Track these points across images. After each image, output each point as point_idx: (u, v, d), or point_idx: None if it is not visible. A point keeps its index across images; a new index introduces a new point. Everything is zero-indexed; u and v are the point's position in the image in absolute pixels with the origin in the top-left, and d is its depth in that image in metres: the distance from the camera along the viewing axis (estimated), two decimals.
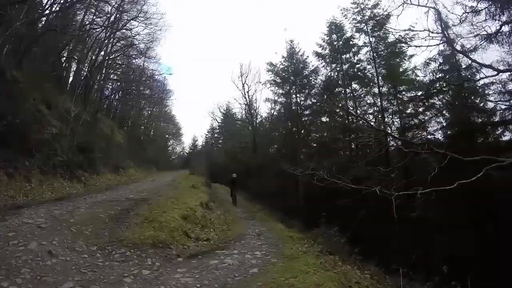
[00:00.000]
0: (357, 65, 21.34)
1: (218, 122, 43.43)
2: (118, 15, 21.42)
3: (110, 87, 28.04)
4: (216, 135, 48.73)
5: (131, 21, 21.87)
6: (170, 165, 40.17)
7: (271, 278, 3.98)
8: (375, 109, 20.31)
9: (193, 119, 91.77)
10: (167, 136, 47.27)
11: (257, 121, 31.98)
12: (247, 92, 30.68)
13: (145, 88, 31.41)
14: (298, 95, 26.37)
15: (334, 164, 11.89)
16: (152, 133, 40.97)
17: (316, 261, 4.97)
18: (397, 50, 18.99)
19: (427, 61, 16.61)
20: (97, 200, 8.67)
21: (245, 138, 32.86)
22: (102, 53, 22.91)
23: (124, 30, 22.13)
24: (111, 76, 26.55)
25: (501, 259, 10.65)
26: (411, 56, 18.46)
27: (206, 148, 50.70)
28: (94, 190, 11.10)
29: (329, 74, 23.03)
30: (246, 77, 30.67)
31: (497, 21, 10.93)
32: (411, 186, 9.18)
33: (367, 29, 20.67)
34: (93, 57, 22.31)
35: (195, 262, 4.68)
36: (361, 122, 17.03)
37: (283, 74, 27.34)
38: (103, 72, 23.81)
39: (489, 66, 10.57)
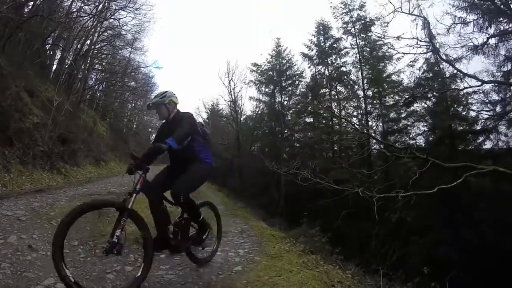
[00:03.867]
0: (343, 68, 21.62)
1: (203, 118, 43.16)
2: (106, 4, 20.98)
3: (94, 77, 27.55)
4: None
5: (120, 10, 21.46)
6: None
7: (255, 276, 4.00)
8: (359, 112, 20.66)
9: None
10: (150, 129, 46.64)
11: (242, 119, 31.96)
12: (233, 89, 30.63)
13: (130, 80, 30.94)
14: (282, 95, 26.61)
15: (317, 164, 11.99)
16: (135, 126, 40.34)
17: (299, 260, 5.02)
18: (382, 55, 19.40)
19: (412, 64, 16.99)
20: (78, 193, 8.50)
21: (228, 136, 32.80)
22: (88, 42, 22.48)
23: (112, 20, 21.72)
24: (96, 66, 26.05)
25: (479, 262, 11.05)
26: (398, 59, 18.87)
27: None
28: (75, 183, 10.88)
29: (315, 75, 23.26)
30: (233, 74, 30.57)
31: (484, 33, 11.31)
32: (392, 188, 9.44)
33: (354, 31, 20.96)
34: (79, 46, 21.88)
35: (178, 259, 4.64)
36: (345, 124, 17.29)
37: (269, 73, 27.50)
38: (88, 61, 23.34)
39: (474, 77, 10.93)
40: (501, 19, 11.21)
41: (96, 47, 23.25)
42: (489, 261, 10.93)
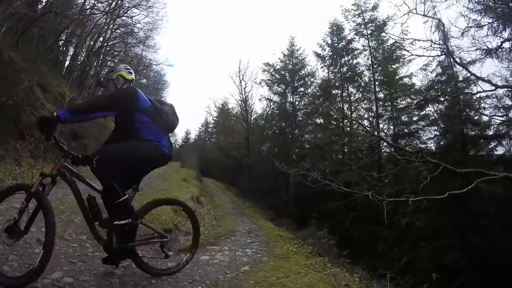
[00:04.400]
0: (355, 69, 21.42)
1: (213, 117, 43.24)
2: (119, 1, 21.12)
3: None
4: (209, 129, 48.49)
5: (133, 8, 21.60)
6: None
7: (263, 276, 3.96)
8: (371, 114, 20.45)
9: (187, 112, 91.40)
10: None
11: (252, 118, 31.96)
12: (244, 88, 30.69)
13: (142, 77, 31.11)
14: (293, 95, 26.50)
15: (327, 166, 11.92)
16: None
17: (307, 262, 4.96)
18: (395, 57, 19.19)
19: (425, 67, 16.78)
20: (88, 188, 8.55)
21: (238, 135, 32.82)
22: (101, 39, 22.65)
23: (124, 17, 21.85)
24: (108, 63, 26.20)
25: (489, 268, 10.86)
26: (410, 60, 18.67)
27: (198, 141, 50.48)
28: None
29: (327, 75, 23.12)
30: (244, 73, 30.68)
31: (498, 37, 11.09)
32: (403, 193, 9.32)
33: (366, 32, 20.78)
34: (91, 43, 22.06)
35: (186, 256, 4.63)
36: (356, 126, 17.14)
37: (281, 72, 27.44)
38: (100, 58, 23.52)
39: (488, 81, 10.73)
40: None
41: (109, 44, 23.44)
42: (499, 267, 10.74)
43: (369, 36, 20.46)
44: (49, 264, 3.62)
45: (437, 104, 17.45)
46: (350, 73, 21.26)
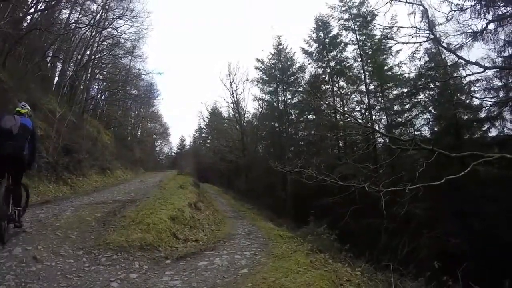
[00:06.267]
0: (344, 63, 21.41)
1: (206, 122, 43.12)
2: (104, 14, 21.09)
3: (96, 87, 27.61)
4: (204, 134, 48.37)
5: (117, 19, 21.55)
6: (158, 165, 39.82)
7: (261, 278, 3.95)
8: (363, 106, 20.43)
9: (181, 119, 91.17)
10: (154, 136, 46.72)
11: (245, 120, 31.89)
12: (235, 90, 30.56)
13: (132, 87, 31.06)
14: (285, 93, 26.52)
15: (322, 161, 11.88)
16: (139, 133, 40.47)
17: (306, 260, 4.96)
18: (383, 47, 19.23)
19: (412, 55, 16.83)
20: (84, 202, 8.51)
21: (233, 137, 32.74)
22: (88, 52, 22.51)
23: (110, 29, 21.79)
24: (97, 76, 26.19)
25: (491, 251, 10.89)
26: (398, 51, 18.70)
27: (194, 148, 50.42)
28: (81, 193, 10.90)
29: (316, 71, 23.10)
30: (234, 75, 30.53)
31: (482, 19, 11.12)
32: (399, 182, 9.31)
33: (354, 27, 20.77)
34: (79, 57, 21.93)
35: (184, 264, 4.61)
36: (348, 119, 17.12)
37: (271, 71, 27.42)
38: (89, 72, 23.44)
39: (476, 63, 10.72)
40: (498, 3, 11.04)
41: (96, 57, 23.36)
42: (501, 250, 10.75)
43: (356, 30, 20.49)
44: (46, 281, 3.62)
45: (428, 91, 17.51)
46: (339, 67, 21.26)
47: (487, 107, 14.52)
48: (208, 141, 45.72)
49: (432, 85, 16.99)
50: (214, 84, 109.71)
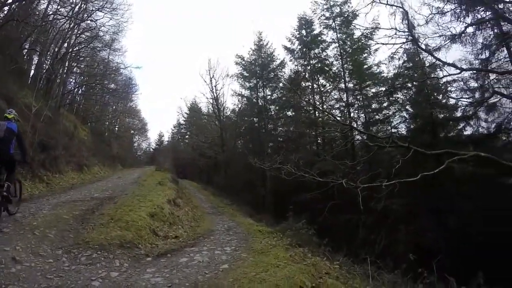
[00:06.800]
0: (325, 61, 21.67)
1: (185, 117, 42.72)
2: (83, 5, 20.44)
3: (73, 81, 26.83)
4: (182, 130, 47.90)
5: (97, 11, 20.94)
6: (136, 161, 38.98)
7: (242, 273, 4.03)
8: (342, 104, 20.79)
9: (159, 114, 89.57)
10: (132, 132, 45.77)
11: (224, 116, 31.78)
12: (215, 86, 30.45)
13: (110, 82, 30.30)
14: (264, 89, 26.63)
15: (301, 158, 12.03)
16: (117, 129, 39.55)
17: (286, 254, 5.07)
18: (361, 47, 19.57)
19: (392, 55, 17.19)
20: (61, 200, 8.34)
21: (212, 133, 32.61)
22: (66, 45, 21.77)
23: (89, 21, 21.17)
24: (74, 69, 25.41)
25: (465, 246, 11.30)
26: (376, 50, 19.02)
27: (172, 143, 49.94)
28: (58, 190, 10.63)
29: (297, 68, 23.30)
30: (214, 71, 30.43)
31: (461, 23, 11.47)
32: (376, 178, 9.56)
33: (335, 26, 21.03)
34: (56, 49, 21.21)
35: (165, 261, 4.64)
36: (327, 116, 17.36)
37: (251, 67, 27.44)
38: (66, 65, 22.68)
39: (453, 65, 11.11)
40: (478, 7, 11.40)
41: (74, 50, 22.60)
42: (475, 246, 11.14)
43: (337, 29, 20.77)
44: (26, 282, 3.57)
45: (405, 90, 17.94)
46: (320, 64, 21.50)
47: (463, 107, 14.98)
48: (187, 136, 45.37)
49: (409, 85, 17.42)
50: (194, 79, 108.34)
